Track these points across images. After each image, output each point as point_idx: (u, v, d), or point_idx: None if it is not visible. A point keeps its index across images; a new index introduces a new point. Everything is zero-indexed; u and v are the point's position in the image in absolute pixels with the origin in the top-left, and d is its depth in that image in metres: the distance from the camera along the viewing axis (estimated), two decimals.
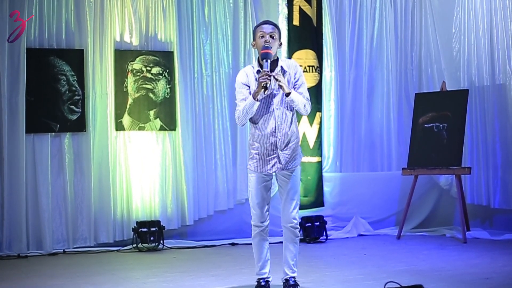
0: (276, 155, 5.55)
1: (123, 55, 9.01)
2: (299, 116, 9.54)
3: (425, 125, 9.46)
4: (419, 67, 10.35)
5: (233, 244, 9.00)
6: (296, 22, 9.73)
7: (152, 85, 9.11)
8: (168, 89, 9.16)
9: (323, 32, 9.92)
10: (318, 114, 9.75)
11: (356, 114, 10.12)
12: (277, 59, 5.61)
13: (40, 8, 8.67)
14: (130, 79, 9.01)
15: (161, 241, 8.69)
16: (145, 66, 9.07)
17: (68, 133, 8.77)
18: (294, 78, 5.59)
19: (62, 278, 6.81)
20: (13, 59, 8.54)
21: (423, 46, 10.31)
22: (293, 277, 5.65)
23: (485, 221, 9.66)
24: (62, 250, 8.56)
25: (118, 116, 8.95)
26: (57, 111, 8.72)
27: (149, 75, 9.09)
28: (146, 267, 7.47)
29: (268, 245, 5.70)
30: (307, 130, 9.66)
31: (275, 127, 5.53)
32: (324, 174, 9.85)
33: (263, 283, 5.67)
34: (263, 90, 5.37)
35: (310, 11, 9.76)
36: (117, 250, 8.64)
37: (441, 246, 8.50)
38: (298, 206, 5.67)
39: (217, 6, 9.45)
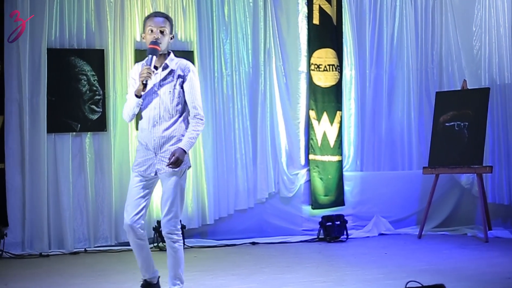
0: (151, 156, 5.28)
1: (143, 55, 8.94)
2: (319, 114, 9.57)
3: (446, 124, 9.42)
4: (439, 66, 10.30)
5: (253, 243, 9.01)
6: (316, 21, 9.72)
7: None
8: None
9: (343, 31, 9.90)
10: (338, 113, 9.74)
11: (376, 113, 10.09)
12: (168, 54, 5.35)
13: (60, 8, 8.72)
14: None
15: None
16: None
17: (89, 132, 8.82)
18: (183, 81, 5.28)
19: (84, 277, 6.85)
20: (34, 60, 8.59)
21: (444, 44, 10.27)
22: None
23: (507, 220, 9.60)
24: (83, 249, 8.61)
25: (139, 115, 8.96)
26: (78, 111, 8.76)
27: None
28: (166, 266, 7.47)
29: (147, 249, 5.46)
30: (328, 129, 9.65)
31: (151, 127, 5.27)
32: (344, 173, 9.83)
33: (143, 284, 5.54)
34: (143, 86, 5.15)
35: (330, 10, 9.74)
36: None
37: (462, 245, 8.46)
38: (173, 214, 5.32)
39: (237, 5, 9.46)
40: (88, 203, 8.76)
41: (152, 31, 5.26)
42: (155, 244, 8.64)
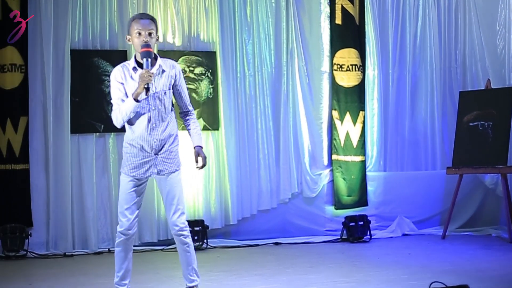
0: (151, 158, 5.25)
1: (166, 56, 9.00)
2: (342, 114, 9.55)
3: (470, 124, 9.37)
4: (463, 65, 10.25)
5: (276, 243, 9.01)
6: (338, 21, 9.70)
7: (195, 85, 9.14)
8: (211, 89, 9.19)
9: (366, 30, 9.87)
10: (361, 113, 9.70)
11: (399, 113, 10.06)
12: (156, 57, 5.30)
13: (84, 9, 8.77)
14: None
15: (205, 240, 8.72)
16: (188, 66, 9.11)
17: (112, 133, 8.85)
18: (175, 80, 5.29)
19: (107, 277, 6.86)
20: (58, 61, 8.65)
21: (467, 43, 10.21)
22: (192, 287, 5.39)
23: None
24: (107, 249, 8.63)
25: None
26: (102, 111, 8.80)
27: (192, 75, 9.13)
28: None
29: (131, 255, 5.47)
30: (351, 129, 9.63)
31: (150, 129, 5.19)
32: (367, 173, 9.80)
33: None
34: (144, 91, 5.05)
35: (352, 9, 9.72)
36: (161, 249, 8.70)
37: (486, 246, 8.42)
38: (181, 211, 5.33)
39: (259, 6, 9.46)
40: (112, 203, 8.79)
41: (140, 34, 5.20)
42: None
